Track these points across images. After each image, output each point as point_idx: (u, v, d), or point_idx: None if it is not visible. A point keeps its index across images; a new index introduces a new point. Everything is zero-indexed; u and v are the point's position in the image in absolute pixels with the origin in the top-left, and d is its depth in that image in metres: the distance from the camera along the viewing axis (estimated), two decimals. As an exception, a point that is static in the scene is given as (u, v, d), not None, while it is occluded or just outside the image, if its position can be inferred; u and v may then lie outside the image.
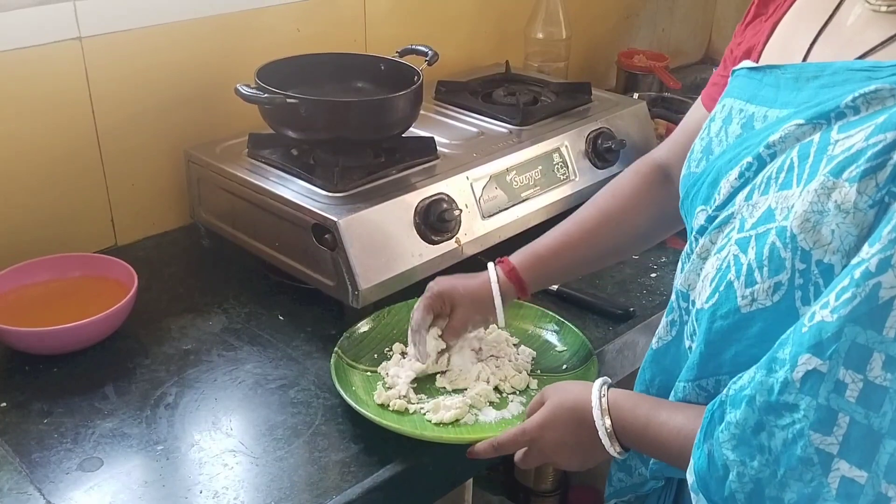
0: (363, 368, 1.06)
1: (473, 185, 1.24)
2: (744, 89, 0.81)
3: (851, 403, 0.59)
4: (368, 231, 1.12)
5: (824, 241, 0.63)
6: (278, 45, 1.41)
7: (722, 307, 0.71)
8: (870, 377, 0.58)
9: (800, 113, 0.71)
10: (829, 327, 0.59)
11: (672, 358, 0.83)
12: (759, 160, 0.73)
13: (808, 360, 0.60)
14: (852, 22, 0.75)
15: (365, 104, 1.26)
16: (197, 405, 1.01)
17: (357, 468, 0.92)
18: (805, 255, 0.64)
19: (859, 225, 0.61)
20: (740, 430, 0.64)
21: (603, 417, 0.80)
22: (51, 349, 1.08)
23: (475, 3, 1.75)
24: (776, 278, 0.66)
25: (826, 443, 0.60)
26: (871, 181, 0.61)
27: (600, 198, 1.05)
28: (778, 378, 0.62)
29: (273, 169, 1.24)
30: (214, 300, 1.22)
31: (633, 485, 0.90)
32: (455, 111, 1.49)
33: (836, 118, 0.67)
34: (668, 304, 0.84)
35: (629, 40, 2.15)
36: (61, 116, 1.24)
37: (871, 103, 0.65)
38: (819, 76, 0.73)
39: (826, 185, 0.63)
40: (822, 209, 0.63)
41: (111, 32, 1.25)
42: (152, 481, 0.90)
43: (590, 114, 1.48)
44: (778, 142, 0.71)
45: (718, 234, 0.75)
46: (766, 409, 0.63)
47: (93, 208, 1.32)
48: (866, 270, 0.58)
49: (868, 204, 0.61)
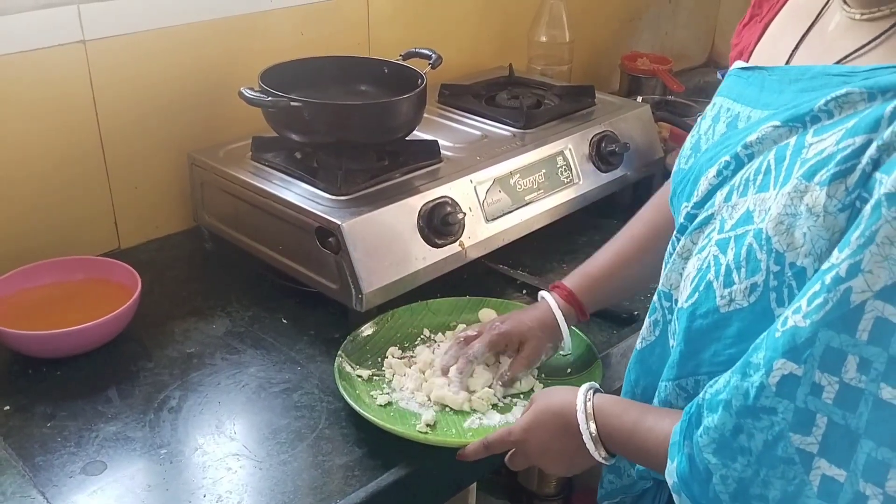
0: (366, 372, 1.06)
1: (477, 188, 1.24)
2: (732, 88, 0.82)
3: (829, 405, 0.60)
4: (372, 234, 1.12)
5: (797, 243, 0.64)
6: (282, 48, 1.41)
7: (701, 306, 0.72)
8: (845, 379, 0.59)
9: (777, 115, 0.71)
10: (802, 332, 0.60)
11: (657, 358, 0.83)
12: (736, 160, 0.73)
13: (784, 365, 0.61)
14: (832, 28, 0.76)
15: (369, 107, 1.26)
16: (200, 409, 1.01)
17: (361, 472, 0.92)
18: (779, 258, 0.65)
19: (830, 229, 0.62)
20: (719, 434, 0.65)
21: (588, 422, 0.80)
22: (54, 352, 1.08)
23: (478, 6, 1.75)
24: (752, 279, 0.67)
25: (806, 443, 0.61)
26: (841, 185, 0.61)
27: (647, 211, 1.05)
28: (753, 382, 0.63)
29: (277, 172, 1.24)
30: (218, 303, 1.22)
31: (624, 486, 0.91)
32: (458, 114, 1.49)
33: (811, 121, 0.68)
34: (651, 305, 0.84)
35: (632, 44, 2.15)
36: (65, 119, 1.24)
37: (843, 107, 0.66)
38: (800, 79, 0.74)
39: (798, 189, 0.64)
40: (794, 212, 0.64)
41: (115, 36, 1.25)
42: (156, 485, 0.89)
43: (593, 117, 1.48)
44: (755, 143, 0.72)
45: (699, 235, 0.76)
46: (743, 413, 0.63)
47: (96, 211, 1.32)
48: (837, 276, 0.59)
49: (837, 208, 0.61)
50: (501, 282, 1.29)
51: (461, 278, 1.24)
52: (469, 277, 1.25)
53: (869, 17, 0.71)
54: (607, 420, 0.79)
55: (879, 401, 0.58)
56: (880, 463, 0.58)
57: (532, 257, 1.34)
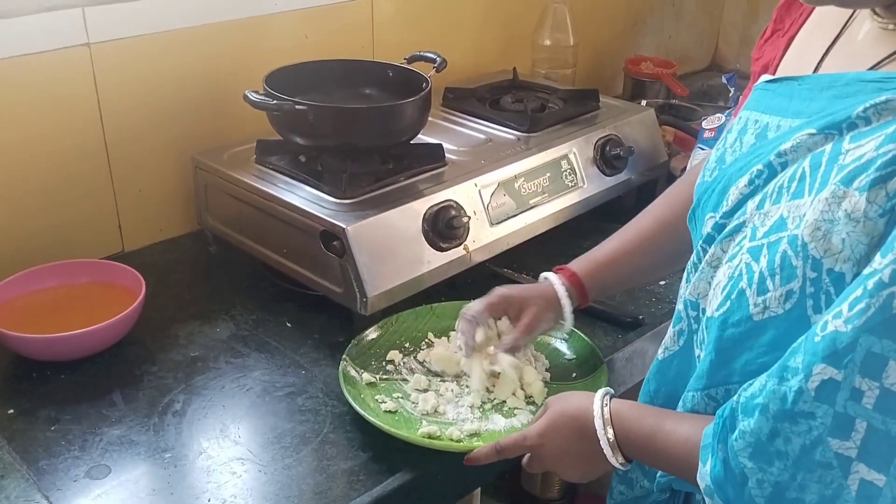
0: (371, 376, 1.06)
1: (482, 191, 1.24)
2: (759, 101, 0.81)
3: (868, 410, 0.60)
4: (377, 238, 1.12)
5: (835, 249, 0.63)
6: (286, 51, 1.41)
7: (734, 315, 0.71)
8: (886, 384, 0.59)
9: (812, 123, 0.71)
10: (843, 337, 0.60)
11: (677, 369, 0.83)
12: (769, 168, 0.73)
13: (824, 370, 0.61)
14: (862, 37, 0.75)
15: (373, 111, 1.26)
16: (205, 412, 1.01)
17: (365, 477, 0.92)
18: (816, 264, 0.65)
19: (870, 234, 0.62)
20: (755, 438, 0.65)
21: (605, 428, 0.79)
22: (58, 356, 1.07)
23: (482, 9, 1.75)
24: (788, 286, 0.66)
25: (845, 447, 0.61)
26: (881, 190, 0.61)
27: (656, 206, 1.05)
28: (791, 387, 0.62)
29: (281, 175, 1.24)
30: (222, 307, 1.22)
31: (635, 497, 0.90)
32: (463, 118, 1.49)
33: (848, 128, 0.67)
34: (675, 314, 0.83)
35: (636, 47, 2.15)
36: (69, 122, 1.24)
37: (881, 114, 0.65)
38: (832, 86, 0.73)
39: (836, 194, 0.64)
40: (832, 218, 0.64)
41: (119, 39, 1.25)
42: (160, 489, 0.89)
43: (597, 121, 1.48)
44: (790, 150, 0.71)
45: (730, 243, 0.75)
46: (780, 417, 0.63)
47: (100, 214, 1.32)
48: (880, 281, 0.59)
49: (878, 213, 0.61)
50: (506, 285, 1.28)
51: (465, 282, 1.24)
52: (473, 281, 1.25)
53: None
54: (625, 425, 0.79)
55: None
56: None
57: (536, 261, 1.33)
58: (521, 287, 1.06)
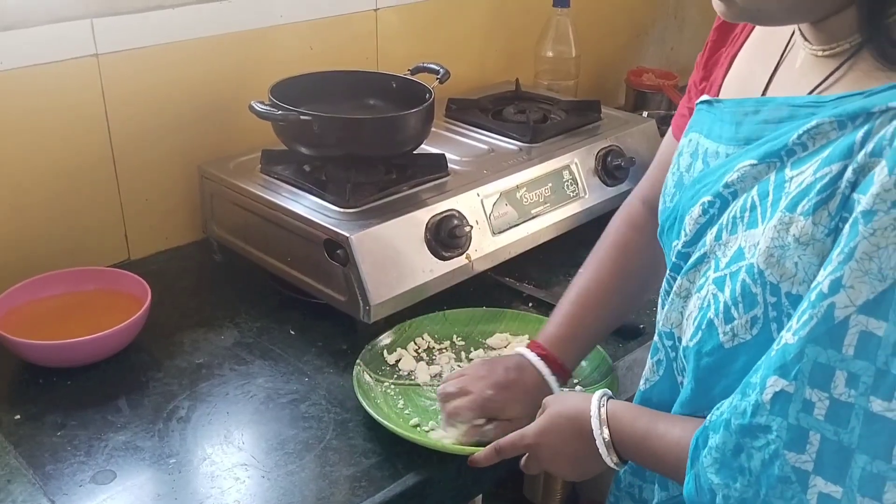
0: (384, 381, 1.07)
1: (484, 201, 1.25)
2: (702, 123, 0.83)
3: (820, 421, 0.61)
4: (380, 247, 1.13)
5: (789, 273, 0.66)
6: (292, 62, 1.42)
7: (706, 344, 0.73)
8: (835, 395, 0.60)
9: (750, 153, 0.72)
10: (791, 349, 0.62)
11: (659, 397, 0.84)
12: (720, 198, 0.75)
13: (776, 382, 0.62)
14: (799, 64, 0.76)
15: (377, 121, 1.28)
16: (209, 419, 1.02)
17: (368, 483, 0.92)
18: (774, 289, 0.67)
19: (819, 254, 0.64)
20: (720, 454, 0.66)
21: (601, 428, 0.80)
22: (64, 362, 1.08)
23: (485, 21, 1.77)
24: (752, 313, 0.69)
25: (801, 461, 0.62)
26: (824, 212, 0.64)
27: (599, 256, 1.03)
28: (750, 401, 0.64)
29: (286, 185, 1.25)
30: (226, 314, 1.23)
31: None
32: (466, 128, 1.50)
33: (787, 155, 0.69)
34: (653, 345, 0.85)
35: (638, 59, 2.16)
36: (77, 132, 1.26)
37: (815, 138, 0.67)
38: (759, 111, 0.75)
39: (783, 221, 0.66)
40: (783, 244, 0.66)
41: (127, 49, 1.27)
42: (164, 494, 0.90)
43: (599, 132, 1.49)
44: (736, 181, 0.73)
45: (696, 274, 0.77)
46: (741, 432, 0.65)
47: (107, 222, 1.33)
48: (820, 292, 0.61)
49: (824, 234, 0.64)
50: (508, 294, 1.29)
51: (468, 291, 1.25)
52: (475, 290, 1.26)
53: (830, 52, 0.71)
54: (620, 426, 0.80)
55: (870, 414, 0.59)
56: (876, 476, 0.59)
57: (538, 270, 1.35)
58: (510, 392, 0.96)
